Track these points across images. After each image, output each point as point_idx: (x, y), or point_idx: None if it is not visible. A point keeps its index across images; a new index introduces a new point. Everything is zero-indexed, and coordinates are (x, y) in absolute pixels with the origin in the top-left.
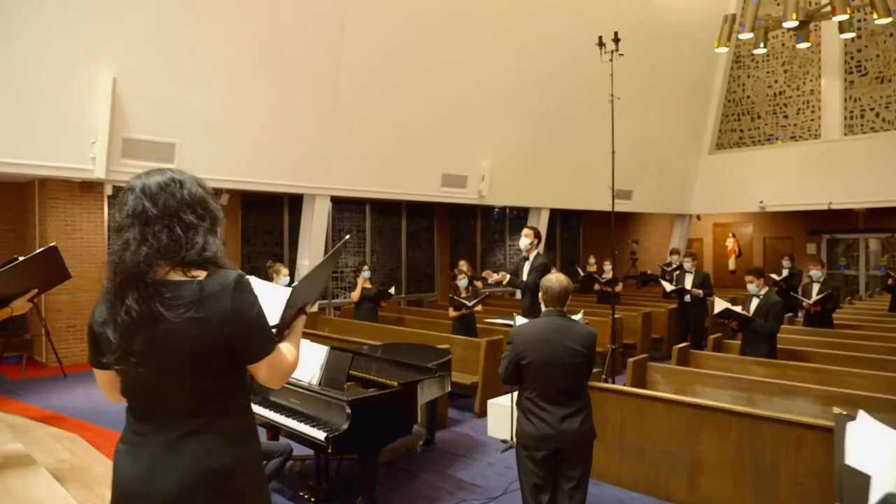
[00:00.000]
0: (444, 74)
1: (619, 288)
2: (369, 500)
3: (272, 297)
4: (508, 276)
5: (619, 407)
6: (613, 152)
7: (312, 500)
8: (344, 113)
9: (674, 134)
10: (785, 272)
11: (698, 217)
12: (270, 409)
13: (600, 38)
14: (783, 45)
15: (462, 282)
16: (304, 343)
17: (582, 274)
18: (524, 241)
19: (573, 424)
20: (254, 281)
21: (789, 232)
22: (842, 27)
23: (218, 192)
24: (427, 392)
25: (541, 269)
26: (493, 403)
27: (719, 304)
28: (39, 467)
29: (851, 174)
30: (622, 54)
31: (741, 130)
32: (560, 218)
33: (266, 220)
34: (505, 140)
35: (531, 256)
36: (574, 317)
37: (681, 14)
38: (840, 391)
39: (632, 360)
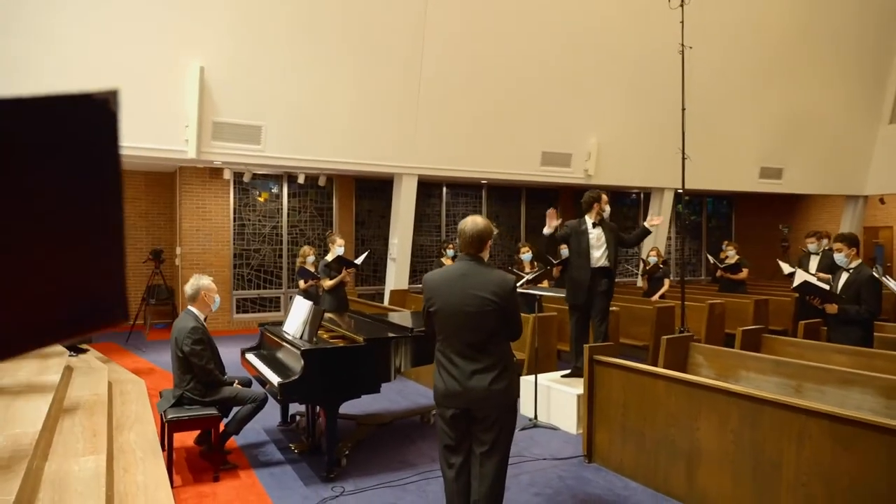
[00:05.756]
0: (540, 46)
1: (743, 275)
2: (329, 453)
3: None
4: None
5: (621, 385)
6: (684, 109)
7: (297, 452)
8: (429, 90)
9: (840, 102)
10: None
11: (882, 200)
12: (260, 359)
13: None
14: None
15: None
16: (298, 299)
17: (712, 262)
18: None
19: (482, 382)
20: None
21: None
22: None
23: (314, 176)
24: (408, 353)
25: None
26: (522, 381)
27: (799, 277)
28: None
29: None
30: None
31: None
32: (709, 204)
33: (378, 203)
34: (615, 114)
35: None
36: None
37: None
38: None
39: (666, 337)
